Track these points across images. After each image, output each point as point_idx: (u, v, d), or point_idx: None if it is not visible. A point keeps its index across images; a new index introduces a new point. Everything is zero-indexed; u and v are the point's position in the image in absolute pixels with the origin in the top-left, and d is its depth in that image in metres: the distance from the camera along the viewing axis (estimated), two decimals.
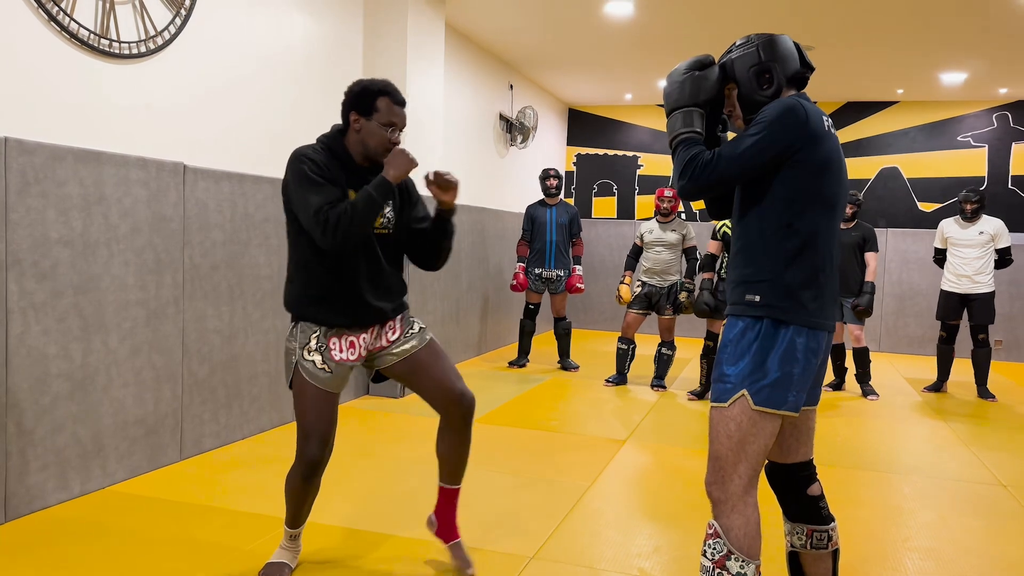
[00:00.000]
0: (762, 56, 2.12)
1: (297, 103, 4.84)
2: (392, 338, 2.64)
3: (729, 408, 2.02)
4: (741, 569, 1.96)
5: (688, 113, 2.13)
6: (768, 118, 2.01)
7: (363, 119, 2.47)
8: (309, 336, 2.52)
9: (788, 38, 2.17)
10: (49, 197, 3.13)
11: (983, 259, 6.31)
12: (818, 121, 2.04)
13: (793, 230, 2.01)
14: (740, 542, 1.97)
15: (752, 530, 1.99)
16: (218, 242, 4.04)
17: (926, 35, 6.76)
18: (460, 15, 6.66)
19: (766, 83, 2.12)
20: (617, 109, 10.61)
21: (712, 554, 2.00)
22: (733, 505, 2.00)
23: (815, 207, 2.02)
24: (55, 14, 3.24)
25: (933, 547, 3.21)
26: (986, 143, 9.37)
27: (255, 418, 4.40)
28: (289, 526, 2.70)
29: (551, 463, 4.17)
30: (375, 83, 2.49)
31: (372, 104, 2.46)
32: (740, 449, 2.00)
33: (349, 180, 2.47)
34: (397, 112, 2.48)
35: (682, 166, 2.08)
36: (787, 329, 2.00)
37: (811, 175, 2.01)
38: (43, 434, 3.17)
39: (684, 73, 2.14)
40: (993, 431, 5.34)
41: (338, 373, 2.53)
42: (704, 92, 2.13)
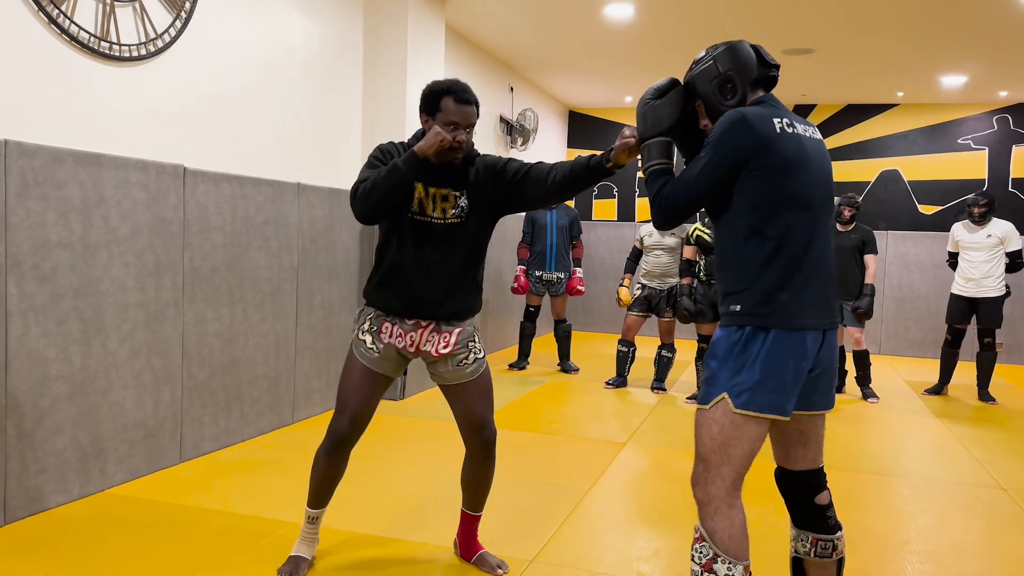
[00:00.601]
0: (720, 68, 2.12)
1: (298, 105, 4.85)
2: (443, 351, 2.61)
3: (711, 410, 2.03)
4: (729, 571, 1.96)
5: (654, 144, 2.17)
6: (713, 137, 2.03)
7: (431, 119, 2.54)
8: (366, 317, 2.63)
9: (745, 43, 2.16)
10: (49, 200, 3.13)
11: (991, 262, 6.29)
12: (766, 125, 2.00)
13: (762, 236, 2.01)
14: (726, 544, 1.98)
15: (737, 532, 1.99)
16: (218, 245, 4.04)
17: (926, 38, 6.76)
18: (460, 17, 6.67)
19: (729, 93, 2.12)
20: (617, 111, 10.61)
21: (699, 558, 2.01)
22: (716, 507, 2.01)
23: (784, 209, 2.00)
24: (55, 16, 3.25)
25: (933, 550, 3.21)
26: (986, 146, 9.37)
27: (255, 421, 4.40)
28: (310, 505, 2.73)
29: (551, 466, 4.16)
30: (441, 83, 2.55)
31: (437, 104, 2.52)
32: (723, 452, 2.01)
33: (423, 173, 2.52)
34: (461, 111, 2.51)
35: (652, 199, 2.13)
36: (768, 333, 1.99)
37: (771, 179, 1.99)
38: (43, 436, 3.17)
39: (644, 105, 2.19)
40: (994, 434, 5.33)
41: (386, 355, 2.60)
42: (665, 120, 2.17)
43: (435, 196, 2.56)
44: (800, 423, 2.16)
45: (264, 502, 3.41)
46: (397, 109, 5.50)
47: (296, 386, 4.75)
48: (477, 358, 2.68)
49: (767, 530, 3.32)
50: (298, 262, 4.69)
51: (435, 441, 4.54)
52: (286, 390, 4.66)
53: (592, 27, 6.78)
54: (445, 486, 3.74)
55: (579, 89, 9.59)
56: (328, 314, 5.02)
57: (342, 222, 5.14)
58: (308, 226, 4.77)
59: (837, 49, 7.21)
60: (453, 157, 2.53)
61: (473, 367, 2.66)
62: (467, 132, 2.52)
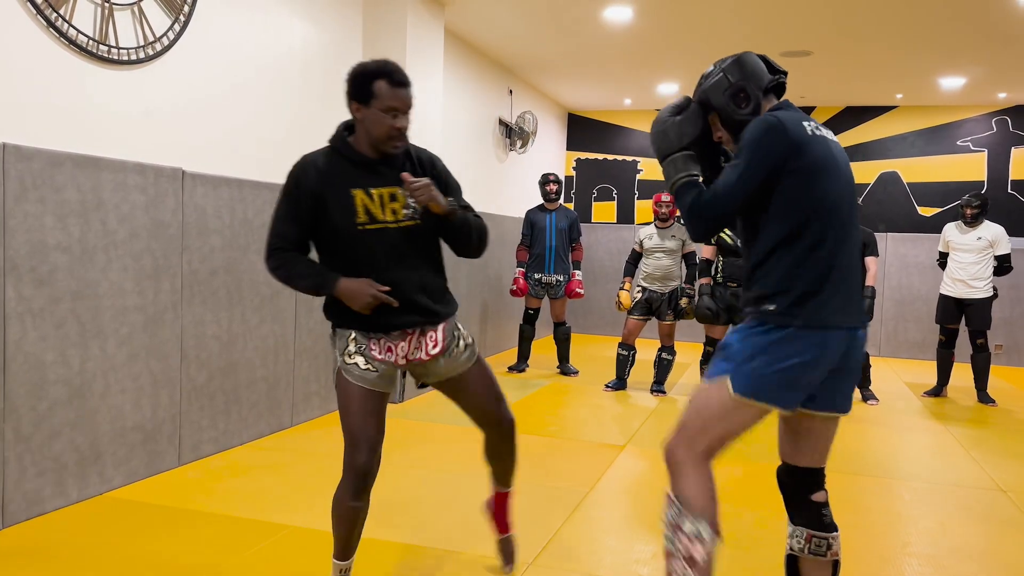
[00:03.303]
0: (731, 79, 2.17)
1: (296, 109, 4.85)
2: (433, 351, 2.43)
3: (711, 386, 2.09)
4: (694, 527, 2.02)
5: (679, 158, 2.20)
6: (747, 141, 2.06)
7: (363, 107, 2.29)
8: (347, 341, 2.38)
9: (751, 54, 2.22)
10: (47, 203, 3.13)
11: (980, 264, 6.31)
12: (798, 128, 2.05)
13: (798, 239, 2.04)
14: (692, 503, 2.05)
15: (705, 493, 2.06)
16: (216, 247, 4.04)
17: (925, 40, 6.76)
18: (459, 20, 6.67)
19: (743, 102, 2.16)
20: (616, 114, 10.61)
21: (670, 519, 2.09)
22: (686, 472, 2.08)
23: (817, 212, 2.04)
24: (53, 20, 3.25)
25: (933, 553, 3.20)
26: (985, 148, 9.37)
27: (254, 424, 4.40)
28: (338, 558, 2.46)
29: (550, 468, 4.16)
30: (369, 65, 2.30)
31: (369, 89, 2.27)
32: (707, 426, 2.08)
33: (357, 178, 2.31)
34: (398, 94, 2.27)
35: (687, 211, 2.14)
36: (793, 330, 2.02)
37: (805, 182, 2.03)
38: (41, 440, 3.17)
39: (665, 121, 2.22)
40: (993, 436, 5.33)
41: (384, 371, 2.38)
42: (687, 135, 2.20)
43: (381, 198, 2.32)
44: (816, 422, 2.18)
45: (263, 505, 3.41)
46: None
47: (295, 389, 4.75)
48: (467, 344, 2.52)
49: (768, 532, 3.31)
50: None
51: (436, 445, 4.53)
52: (285, 393, 4.65)
53: (591, 30, 6.79)
54: (446, 490, 3.74)
55: (578, 92, 9.59)
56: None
57: None
58: None
59: (835, 51, 7.22)
60: (394, 147, 2.31)
61: (467, 354, 2.51)
62: (406, 118, 2.31)
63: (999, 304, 7.82)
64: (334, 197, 2.31)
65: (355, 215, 2.30)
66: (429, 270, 2.43)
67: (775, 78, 2.20)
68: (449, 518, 3.35)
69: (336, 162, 2.36)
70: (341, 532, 2.42)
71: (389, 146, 2.32)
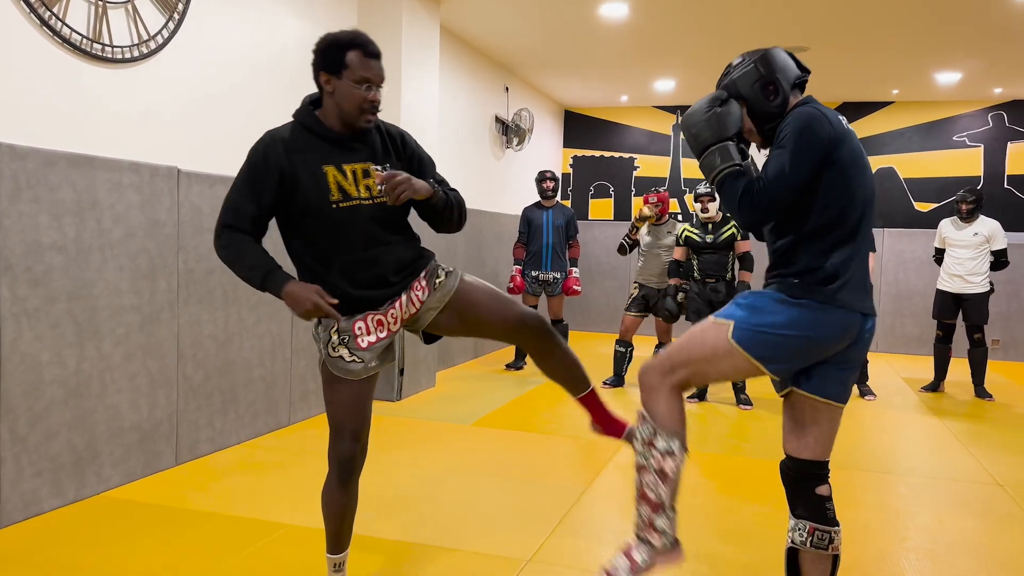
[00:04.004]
0: (762, 71, 2.21)
1: (291, 106, 4.81)
2: (423, 297, 2.34)
3: (713, 325, 2.16)
4: (666, 444, 2.16)
5: (722, 148, 2.20)
6: (794, 131, 2.08)
7: (333, 78, 2.19)
8: (330, 333, 2.29)
9: (780, 49, 2.26)
10: (41, 202, 3.12)
11: (976, 260, 6.32)
12: (838, 122, 2.12)
13: (834, 228, 2.09)
14: (664, 421, 2.17)
15: (676, 415, 2.18)
16: (212, 246, 4.02)
17: (921, 35, 6.76)
18: (455, 18, 6.66)
19: (772, 94, 2.20)
20: (613, 111, 10.61)
21: (642, 436, 2.21)
22: (660, 395, 2.19)
23: (852, 203, 2.10)
24: (47, 19, 3.23)
25: (930, 548, 3.20)
26: (982, 143, 9.38)
27: (251, 423, 4.39)
28: (331, 552, 2.44)
29: (547, 465, 4.15)
30: (340, 35, 2.20)
31: (342, 59, 2.17)
32: (692, 359, 2.16)
33: (328, 154, 2.22)
34: (371, 65, 2.18)
35: (736, 200, 2.14)
36: (811, 301, 2.08)
37: (843, 174, 2.09)
38: (37, 440, 3.16)
39: (707, 111, 2.22)
40: (991, 431, 5.33)
41: (370, 359, 2.29)
42: (732, 125, 2.22)
43: (355, 174, 2.23)
44: (819, 412, 2.20)
45: (261, 504, 3.40)
46: (392, 109, 5.49)
47: (292, 388, 4.74)
48: (447, 271, 2.40)
49: (770, 529, 3.32)
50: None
51: (433, 443, 4.53)
52: (282, 392, 4.65)
53: (587, 26, 6.78)
54: (441, 487, 3.74)
55: (575, 89, 9.58)
56: None
57: None
58: None
59: (832, 47, 7.21)
60: (367, 120, 2.22)
61: (451, 279, 2.37)
62: (379, 91, 2.23)
63: (996, 299, 7.83)
64: (305, 174, 2.20)
65: (328, 192, 2.19)
66: (401, 244, 2.33)
67: (801, 75, 2.25)
68: (444, 515, 3.35)
69: (304, 137, 2.25)
70: (330, 524, 2.41)
71: (361, 120, 2.22)
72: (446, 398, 5.72)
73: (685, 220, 9.93)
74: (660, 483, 2.16)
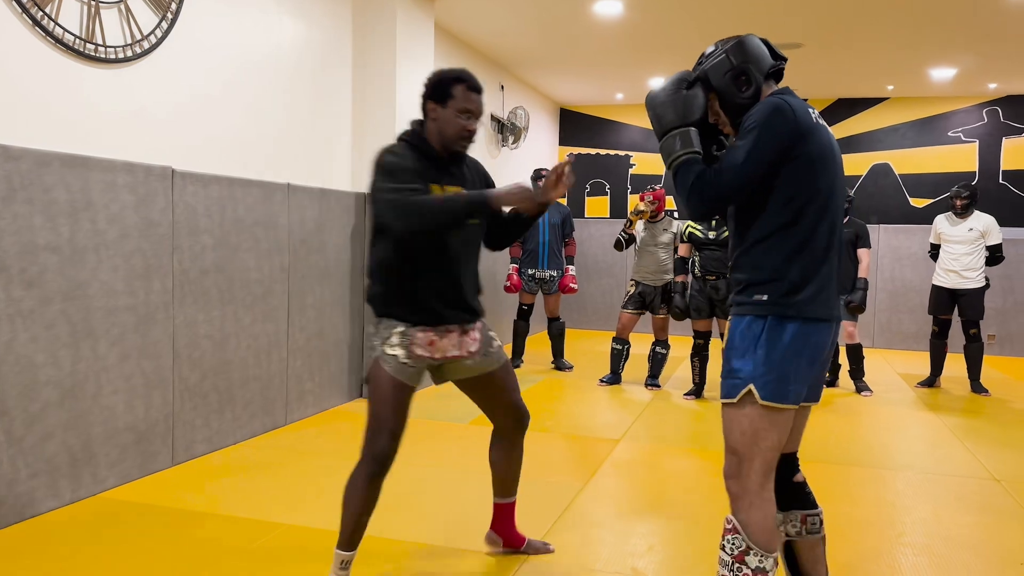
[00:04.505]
0: (734, 60, 2.12)
1: (286, 105, 4.83)
2: (472, 349, 2.58)
3: (739, 404, 2.04)
4: (760, 563, 1.98)
5: (684, 133, 2.13)
6: (756, 122, 2.01)
7: (439, 107, 2.45)
8: (391, 331, 2.46)
9: (754, 36, 2.18)
10: (35, 203, 3.11)
11: (972, 255, 6.34)
12: (805, 115, 2.04)
13: (793, 227, 2.02)
14: (759, 537, 2.00)
15: (770, 524, 2.02)
16: (208, 246, 4.02)
17: (915, 31, 6.77)
18: (449, 16, 6.65)
19: (744, 85, 2.13)
20: (608, 108, 10.61)
21: (731, 549, 2.02)
22: (751, 501, 2.02)
23: (814, 201, 2.03)
24: (39, 19, 3.22)
25: (927, 543, 3.21)
26: (977, 138, 9.39)
27: (247, 423, 4.38)
28: (343, 547, 2.49)
29: (545, 463, 4.15)
30: (450, 71, 2.49)
31: (448, 91, 2.44)
32: (754, 444, 2.02)
33: (434, 174, 2.46)
34: (473, 99, 2.45)
35: (687, 187, 2.08)
36: (793, 323, 2.01)
37: (806, 170, 2.02)
38: (33, 442, 3.15)
39: (672, 93, 2.15)
40: (987, 426, 5.35)
41: (418, 369, 2.49)
42: (696, 109, 2.14)
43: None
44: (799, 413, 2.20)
45: (257, 504, 3.40)
46: (387, 108, 5.49)
47: (288, 388, 4.73)
48: (498, 344, 2.70)
49: None
50: (289, 263, 4.68)
51: (430, 441, 4.53)
52: (278, 392, 4.64)
53: (581, 24, 6.78)
54: (443, 487, 3.74)
55: (570, 86, 9.58)
56: (320, 315, 5.01)
57: (333, 222, 5.12)
58: (299, 227, 4.76)
59: (826, 43, 7.22)
60: (463, 146, 2.50)
61: (497, 352, 2.67)
62: (477, 122, 2.49)
63: (991, 294, 7.85)
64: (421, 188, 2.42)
65: None
66: (476, 269, 2.61)
67: (776, 64, 2.18)
68: (446, 515, 3.35)
69: (413, 156, 2.46)
70: (349, 518, 2.46)
71: (459, 145, 2.49)
72: (441, 396, 5.71)
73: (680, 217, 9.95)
74: None
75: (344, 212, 5.26)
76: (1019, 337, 8.83)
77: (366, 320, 5.49)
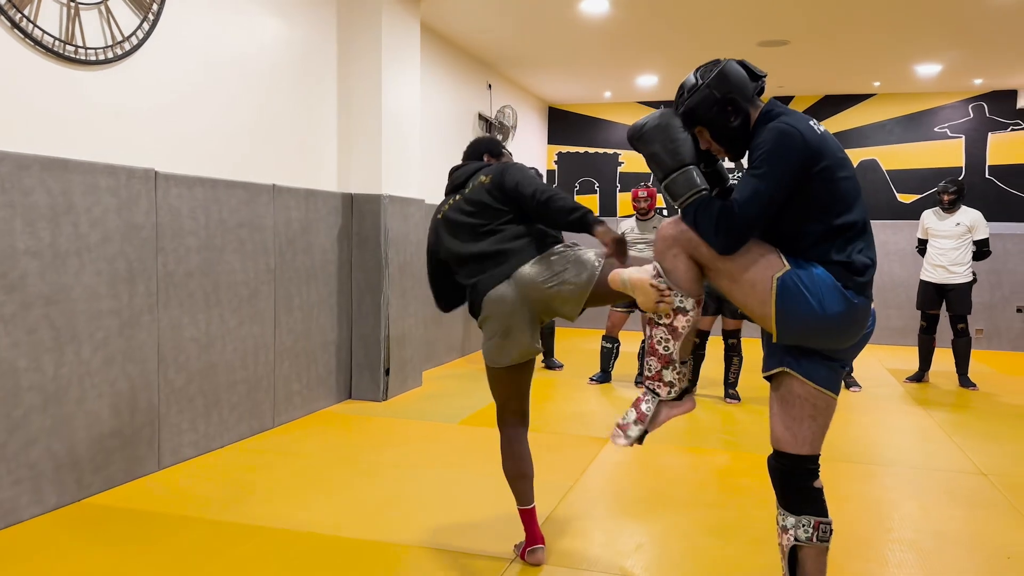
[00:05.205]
0: (717, 94, 2.17)
1: (271, 106, 4.80)
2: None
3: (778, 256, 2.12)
4: (681, 302, 2.20)
5: (685, 173, 2.18)
6: (766, 152, 2.06)
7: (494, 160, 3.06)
8: None
9: (732, 62, 2.21)
10: (16, 207, 3.08)
11: (959, 250, 6.37)
12: (810, 132, 2.09)
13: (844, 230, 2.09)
14: (681, 280, 2.20)
15: (692, 273, 2.20)
16: (192, 249, 3.99)
17: (901, 27, 6.79)
18: (435, 15, 6.63)
19: (732, 115, 2.18)
20: (597, 107, 10.60)
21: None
22: (680, 258, 2.19)
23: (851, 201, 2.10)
24: (18, 21, 3.19)
25: (914, 538, 3.22)
26: (963, 134, 9.43)
27: (235, 426, 4.36)
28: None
29: (534, 462, 4.13)
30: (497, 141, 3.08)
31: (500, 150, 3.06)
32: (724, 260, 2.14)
33: None
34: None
35: (713, 225, 2.11)
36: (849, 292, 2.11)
37: (831, 180, 2.08)
38: (16, 448, 3.12)
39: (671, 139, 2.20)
40: (975, 420, 5.37)
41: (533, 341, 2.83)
42: (688, 152, 2.20)
43: None
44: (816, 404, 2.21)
45: (245, 508, 3.37)
46: (373, 108, 5.46)
47: (276, 390, 4.71)
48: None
49: (753, 523, 3.32)
50: (275, 265, 4.65)
51: (418, 442, 4.51)
52: (266, 394, 4.62)
53: (568, 23, 6.77)
54: (429, 487, 3.72)
55: (558, 85, 9.57)
56: (307, 316, 4.98)
57: (319, 223, 5.10)
58: (284, 228, 4.73)
59: (812, 40, 7.23)
60: None
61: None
62: None
63: (979, 289, 7.89)
64: None
65: None
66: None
67: (757, 84, 2.21)
68: (430, 515, 3.34)
69: None
70: (512, 482, 2.90)
71: None
72: (432, 397, 5.70)
73: (670, 216, 9.96)
74: (671, 338, 2.24)
75: (330, 213, 5.23)
76: (1006, 331, 8.88)
77: (353, 321, 5.47)
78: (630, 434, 2.30)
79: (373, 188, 5.47)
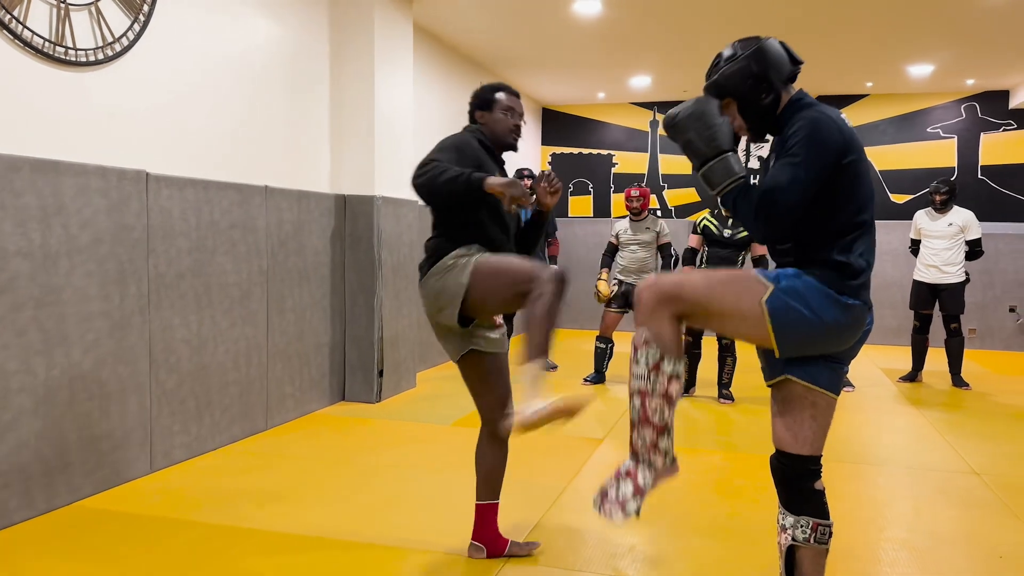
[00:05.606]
0: (755, 68, 2.13)
1: (263, 107, 4.78)
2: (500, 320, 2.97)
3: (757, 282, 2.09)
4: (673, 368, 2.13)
5: (723, 160, 2.13)
6: (805, 137, 2.03)
7: (486, 113, 2.83)
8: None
9: (774, 40, 2.18)
10: (6, 209, 3.06)
11: (952, 250, 6.39)
12: (846, 125, 2.10)
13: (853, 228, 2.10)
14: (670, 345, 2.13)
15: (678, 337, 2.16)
16: (184, 250, 3.98)
17: (893, 27, 6.81)
18: (428, 16, 6.62)
19: (764, 92, 2.15)
20: (590, 108, 10.61)
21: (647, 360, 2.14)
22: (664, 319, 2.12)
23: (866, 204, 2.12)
24: (7, 22, 3.17)
25: (908, 538, 3.22)
26: (955, 134, 9.46)
27: (227, 428, 4.34)
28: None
29: (527, 464, 4.13)
30: (489, 85, 2.88)
31: (491, 99, 2.83)
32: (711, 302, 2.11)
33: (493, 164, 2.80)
34: (514, 100, 2.85)
35: (754, 214, 2.07)
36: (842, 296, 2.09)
37: (856, 175, 2.08)
38: (6, 451, 3.10)
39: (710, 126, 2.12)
40: (967, 420, 5.38)
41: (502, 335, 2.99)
42: (726, 136, 2.14)
43: None
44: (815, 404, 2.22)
45: (237, 511, 3.36)
46: (366, 109, 5.45)
47: (269, 392, 4.69)
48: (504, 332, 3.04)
49: (744, 523, 3.32)
50: (267, 266, 4.64)
51: (412, 444, 4.50)
52: (258, 396, 4.60)
53: (561, 23, 6.77)
54: (421, 489, 3.71)
55: (551, 86, 9.57)
56: (299, 318, 4.97)
57: (311, 224, 5.08)
58: (276, 229, 4.71)
59: (805, 41, 7.24)
60: (514, 138, 2.85)
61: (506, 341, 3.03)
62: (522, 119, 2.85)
63: (972, 289, 7.91)
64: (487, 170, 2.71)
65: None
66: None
67: (795, 68, 2.19)
68: (423, 517, 3.33)
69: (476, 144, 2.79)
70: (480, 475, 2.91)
71: (511, 138, 2.85)
72: (426, 398, 5.69)
73: (664, 216, 9.96)
74: (666, 407, 2.17)
75: (323, 214, 5.22)
76: (999, 331, 8.91)
77: (346, 322, 5.46)
78: (630, 508, 2.24)
79: (366, 189, 5.46)
